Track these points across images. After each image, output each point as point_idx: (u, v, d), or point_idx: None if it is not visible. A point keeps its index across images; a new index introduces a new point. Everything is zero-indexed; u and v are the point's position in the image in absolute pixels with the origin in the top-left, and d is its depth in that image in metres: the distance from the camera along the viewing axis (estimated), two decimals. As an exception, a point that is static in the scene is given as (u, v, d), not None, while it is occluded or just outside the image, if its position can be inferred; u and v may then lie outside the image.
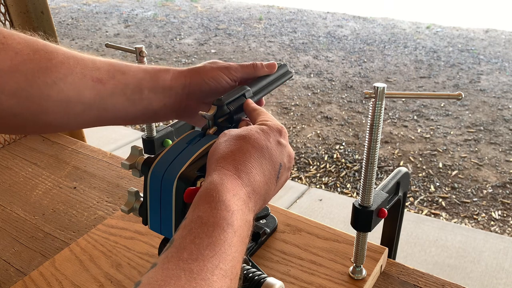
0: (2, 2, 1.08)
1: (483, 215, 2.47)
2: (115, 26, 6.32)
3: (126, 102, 0.56)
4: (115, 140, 3.14)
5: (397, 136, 3.28)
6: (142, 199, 0.57)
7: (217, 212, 0.39)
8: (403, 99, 3.83)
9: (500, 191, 2.66)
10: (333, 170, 2.92)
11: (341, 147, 3.18)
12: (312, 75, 4.46)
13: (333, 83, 4.26)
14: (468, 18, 6.40)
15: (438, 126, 3.42)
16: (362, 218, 0.62)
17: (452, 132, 3.33)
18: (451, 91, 4.08)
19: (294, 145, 3.20)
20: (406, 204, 2.51)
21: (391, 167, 2.91)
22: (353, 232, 0.69)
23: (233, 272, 0.37)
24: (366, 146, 0.58)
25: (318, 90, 4.10)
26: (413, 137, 3.27)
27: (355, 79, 4.33)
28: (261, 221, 0.77)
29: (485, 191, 2.66)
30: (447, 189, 2.70)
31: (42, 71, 0.49)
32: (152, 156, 0.54)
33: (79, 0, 7.89)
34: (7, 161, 1.07)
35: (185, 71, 0.61)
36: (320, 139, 3.29)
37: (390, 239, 0.74)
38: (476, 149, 3.11)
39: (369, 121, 0.57)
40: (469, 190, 2.67)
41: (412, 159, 3.01)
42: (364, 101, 3.81)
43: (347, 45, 5.36)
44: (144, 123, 0.69)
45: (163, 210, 0.52)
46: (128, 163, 0.55)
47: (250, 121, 0.57)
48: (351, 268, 0.68)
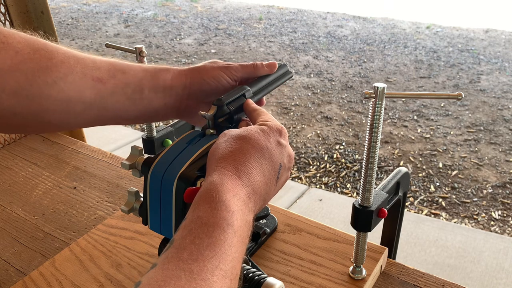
0: (2, 2, 1.08)
1: (483, 215, 2.47)
2: (115, 26, 6.32)
3: (126, 102, 0.56)
4: (115, 140, 3.14)
5: (397, 136, 3.28)
6: (142, 199, 0.57)
7: (217, 212, 0.39)
8: (403, 99, 3.83)
9: (500, 191, 2.66)
10: (333, 170, 2.92)
11: (341, 147, 3.18)
12: (312, 75, 4.46)
13: (333, 83, 4.26)
14: (468, 18, 6.40)
15: (438, 126, 3.42)
16: (362, 218, 0.62)
17: (452, 132, 3.33)
18: (451, 91, 4.08)
19: (294, 145, 3.20)
20: (406, 204, 2.51)
21: (391, 167, 2.91)
22: (353, 232, 0.69)
23: (233, 273, 0.37)
24: (366, 146, 0.58)
25: (318, 90, 4.10)
26: (413, 137, 3.27)
27: (355, 79, 4.33)
28: (261, 221, 0.77)
29: (485, 191, 2.66)
30: (447, 189, 2.70)
31: (42, 70, 0.49)
32: (152, 156, 0.54)
33: (79, 0, 7.89)
34: (7, 161, 1.07)
35: (185, 71, 0.61)
36: (320, 139, 3.29)
37: (390, 239, 0.74)
38: (476, 149, 3.11)
39: (369, 121, 0.57)
40: (469, 190, 2.67)
41: (412, 159, 3.01)
42: (364, 101, 3.81)
43: (347, 45, 5.36)
44: (144, 123, 0.69)
45: (163, 210, 0.52)
46: (128, 163, 0.55)
47: (250, 121, 0.57)
48: (351, 268, 0.68)
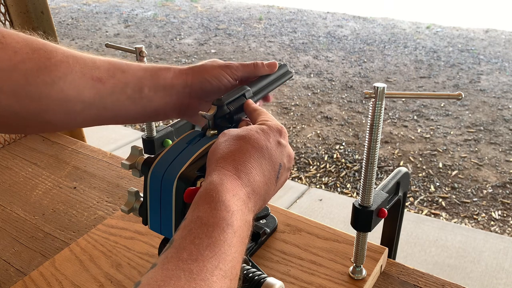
0: (2, 2, 1.08)
1: (483, 215, 2.47)
2: (115, 26, 6.32)
3: (126, 101, 0.56)
4: (115, 140, 3.14)
5: (397, 136, 3.28)
6: (142, 199, 0.57)
7: (217, 212, 0.39)
8: (403, 99, 3.83)
9: (500, 191, 2.66)
10: (333, 170, 2.92)
11: (341, 147, 3.18)
12: (312, 75, 4.45)
13: (333, 83, 4.26)
14: (468, 18, 6.40)
15: (438, 126, 3.42)
16: (362, 218, 0.62)
17: (452, 132, 3.33)
18: (451, 91, 4.08)
19: (294, 145, 3.20)
20: (406, 204, 2.51)
21: (391, 167, 2.91)
22: (353, 232, 0.69)
23: (232, 273, 0.37)
24: (366, 146, 0.58)
25: (318, 90, 4.10)
26: (413, 137, 3.27)
27: (355, 79, 4.33)
28: (261, 221, 0.77)
29: (485, 191, 2.66)
30: (447, 189, 2.70)
31: (41, 70, 0.49)
32: (152, 156, 0.54)
33: (79, 0, 7.89)
34: (7, 161, 1.07)
35: (186, 70, 0.60)
36: (320, 139, 3.29)
37: (390, 239, 0.74)
38: (476, 149, 3.11)
39: (369, 121, 0.57)
40: (469, 190, 2.67)
41: (412, 159, 3.01)
42: (364, 101, 3.81)
43: (347, 45, 5.36)
44: (144, 122, 0.69)
45: (163, 210, 0.52)
46: (128, 163, 0.55)
47: (250, 121, 0.57)
48: (351, 268, 0.68)
